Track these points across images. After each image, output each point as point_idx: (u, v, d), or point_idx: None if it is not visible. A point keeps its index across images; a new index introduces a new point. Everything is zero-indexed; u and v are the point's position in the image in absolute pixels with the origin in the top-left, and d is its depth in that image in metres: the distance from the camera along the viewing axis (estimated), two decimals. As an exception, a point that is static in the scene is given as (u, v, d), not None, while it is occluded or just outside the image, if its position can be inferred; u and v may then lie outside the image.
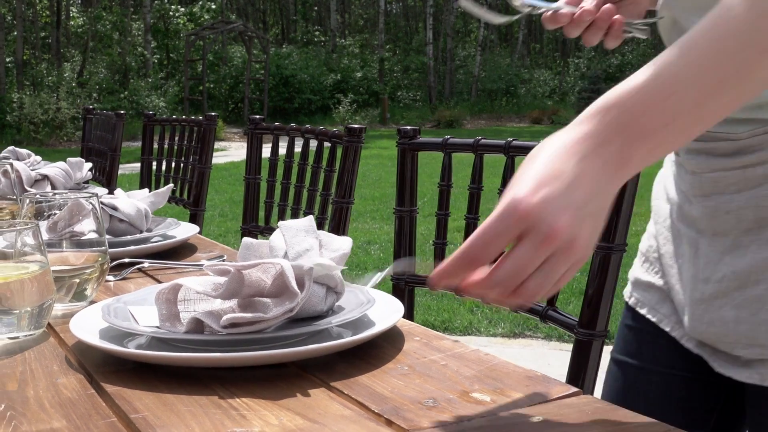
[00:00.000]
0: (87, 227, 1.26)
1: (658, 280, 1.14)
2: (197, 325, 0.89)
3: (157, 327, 0.92)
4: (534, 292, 0.72)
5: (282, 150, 1.94)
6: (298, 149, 1.82)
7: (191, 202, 2.17)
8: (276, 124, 1.87)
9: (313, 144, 1.77)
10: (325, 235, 1.07)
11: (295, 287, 0.87)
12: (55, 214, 1.26)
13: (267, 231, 1.88)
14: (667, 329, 1.13)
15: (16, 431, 0.74)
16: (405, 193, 1.39)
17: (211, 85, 22.03)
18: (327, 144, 1.77)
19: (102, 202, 1.54)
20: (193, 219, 2.21)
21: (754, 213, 0.99)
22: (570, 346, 0.89)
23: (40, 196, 1.20)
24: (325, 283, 0.96)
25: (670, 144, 0.75)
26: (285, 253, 1.01)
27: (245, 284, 0.89)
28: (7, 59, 19.50)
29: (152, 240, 1.55)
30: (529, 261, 0.70)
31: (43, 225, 1.22)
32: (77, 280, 1.12)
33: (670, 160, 1.16)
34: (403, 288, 1.39)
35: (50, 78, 19.24)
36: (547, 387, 0.82)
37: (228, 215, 8.02)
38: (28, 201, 1.17)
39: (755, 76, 0.74)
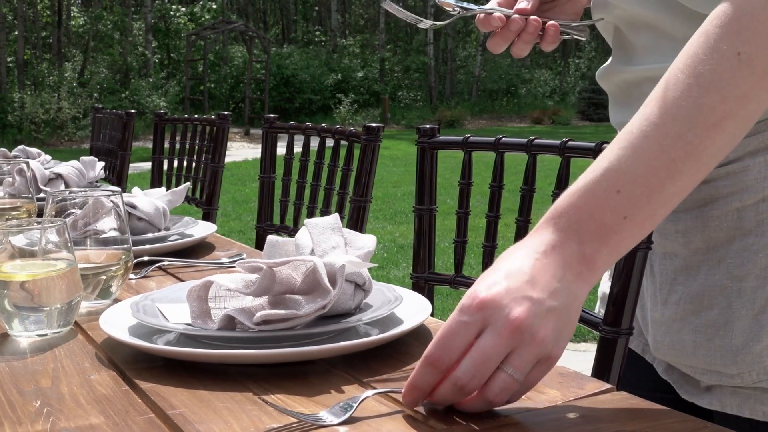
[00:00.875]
0: (108, 225, 1.26)
1: None
2: (229, 322, 0.89)
3: (187, 324, 0.92)
4: (501, 389, 0.69)
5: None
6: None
7: (204, 201, 2.18)
8: (291, 123, 1.87)
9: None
10: (349, 233, 1.07)
11: (328, 284, 0.88)
12: (73, 212, 1.26)
13: (282, 229, 1.89)
14: (638, 351, 1.11)
15: (55, 427, 0.74)
16: (424, 191, 1.40)
17: (212, 85, 22.03)
18: (343, 142, 1.77)
19: (112, 201, 1.54)
20: (206, 218, 2.21)
21: (701, 233, 0.97)
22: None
23: (65, 194, 1.20)
24: (353, 281, 0.96)
25: (633, 237, 0.74)
26: (311, 251, 1.01)
27: (276, 281, 0.90)
28: (9, 59, 19.51)
29: (170, 238, 1.55)
30: (491, 350, 0.67)
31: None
32: (104, 277, 1.12)
33: None
34: (422, 286, 1.39)
35: (51, 78, 19.24)
36: (580, 383, 0.82)
37: (231, 215, 8.03)
38: (52, 199, 1.17)
39: (707, 152, 0.73)
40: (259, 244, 1.91)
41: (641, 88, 1.02)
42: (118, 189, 1.27)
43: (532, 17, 1.06)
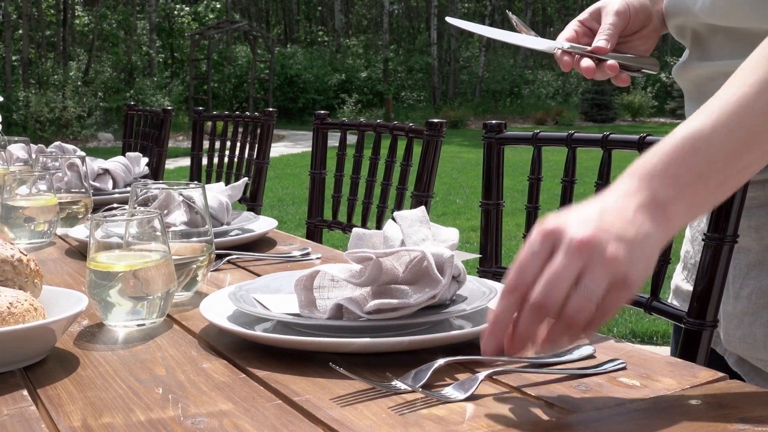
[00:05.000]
0: (178, 218, 1.27)
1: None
2: (337, 311, 0.90)
3: (295, 314, 0.93)
4: (577, 310, 0.69)
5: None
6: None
7: (249, 198, 2.19)
8: (343, 119, 1.88)
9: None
10: (434, 226, 1.08)
11: (438, 274, 0.89)
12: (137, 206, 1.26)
13: (335, 225, 1.90)
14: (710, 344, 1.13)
15: (186, 413, 0.75)
16: (492, 186, 1.41)
17: (216, 85, 22.03)
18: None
19: (182, 194, 1.56)
20: (251, 214, 2.22)
21: None
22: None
23: (148, 188, 1.21)
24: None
25: (707, 199, 0.77)
26: (401, 243, 1.03)
27: (382, 272, 0.91)
28: (13, 58, 19.50)
29: (232, 233, 1.56)
30: (561, 269, 0.69)
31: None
32: (194, 267, 1.14)
33: None
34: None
35: (56, 77, 19.24)
36: (692, 372, 0.83)
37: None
38: (138, 191, 1.18)
39: None
40: (310, 239, 1.91)
41: (716, 82, 1.04)
42: (200, 183, 1.28)
43: (609, 62, 1.08)
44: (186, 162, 10.87)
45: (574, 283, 0.69)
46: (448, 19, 1.11)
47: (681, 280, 1.20)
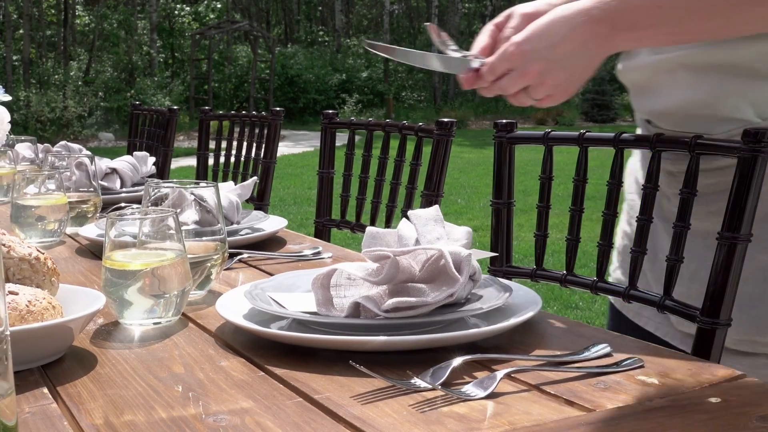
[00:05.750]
0: (189, 217, 1.28)
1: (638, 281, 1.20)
2: (355, 309, 0.90)
3: (312, 312, 0.93)
4: (503, 91, 1.05)
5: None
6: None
7: (256, 197, 2.19)
8: (352, 118, 1.89)
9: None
10: (447, 225, 1.09)
11: (456, 273, 0.89)
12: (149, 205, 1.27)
13: (343, 224, 1.90)
14: (650, 329, 1.19)
15: (207, 411, 0.75)
16: (502, 185, 1.41)
17: (216, 85, 22.02)
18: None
19: (193, 193, 1.56)
20: (258, 213, 2.23)
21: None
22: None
23: (161, 187, 1.21)
24: (465, 271, 0.98)
25: (651, 39, 1.02)
26: (416, 241, 1.03)
27: (399, 270, 0.91)
28: (14, 57, 19.50)
29: (241, 232, 1.56)
30: (508, 86, 1.03)
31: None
32: (208, 265, 1.14)
33: (639, 153, 1.25)
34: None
35: (57, 76, 19.23)
36: (710, 370, 0.83)
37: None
38: (152, 189, 1.19)
39: (744, 13, 0.94)
40: (318, 239, 1.92)
41: (675, 75, 1.09)
42: (212, 182, 1.28)
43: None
44: (187, 162, 10.85)
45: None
46: (366, 44, 1.14)
47: (621, 274, 1.30)
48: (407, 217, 1.07)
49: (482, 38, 1.11)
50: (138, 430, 0.71)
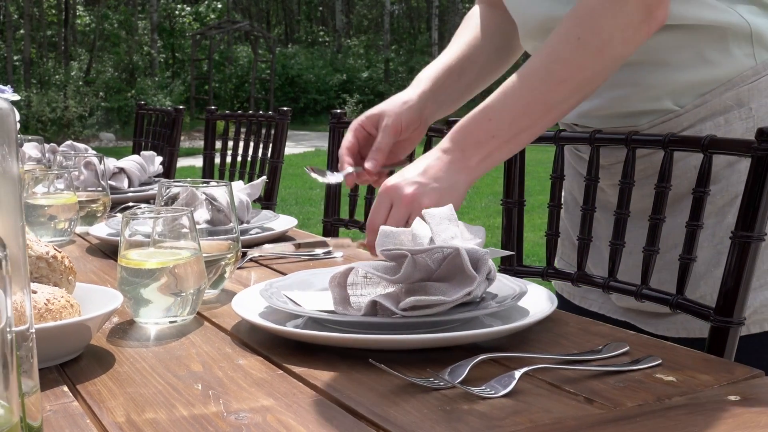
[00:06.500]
0: (200, 217, 1.28)
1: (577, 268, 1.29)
2: (372, 307, 0.90)
3: (329, 311, 0.94)
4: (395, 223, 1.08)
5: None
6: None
7: (263, 197, 2.19)
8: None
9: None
10: (461, 224, 1.09)
11: (473, 271, 0.89)
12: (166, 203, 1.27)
13: (351, 224, 1.90)
14: (594, 310, 1.34)
15: (228, 408, 0.75)
16: (513, 185, 1.41)
17: (217, 85, 22.02)
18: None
19: (204, 192, 1.56)
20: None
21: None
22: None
23: (174, 184, 1.21)
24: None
25: (500, 151, 1.12)
26: (431, 240, 1.03)
27: (416, 268, 0.91)
28: (15, 57, 19.51)
29: (251, 231, 1.56)
30: (398, 217, 1.09)
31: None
32: (222, 264, 1.14)
33: (567, 150, 1.35)
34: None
35: (57, 77, 19.24)
36: (728, 368, 0.84)
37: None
38: (165, 188, 1.19)
39: (555, 101, 1.09)
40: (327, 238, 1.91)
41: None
42: (225, 181, 1.28)
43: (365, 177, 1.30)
44: (188, 161, 10.85)
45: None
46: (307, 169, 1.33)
47: (564, 265, 1.39)
48: (421, 216, 1.07)
49: (347, 141, 1.30)
50: (160, 427, 0.71)
